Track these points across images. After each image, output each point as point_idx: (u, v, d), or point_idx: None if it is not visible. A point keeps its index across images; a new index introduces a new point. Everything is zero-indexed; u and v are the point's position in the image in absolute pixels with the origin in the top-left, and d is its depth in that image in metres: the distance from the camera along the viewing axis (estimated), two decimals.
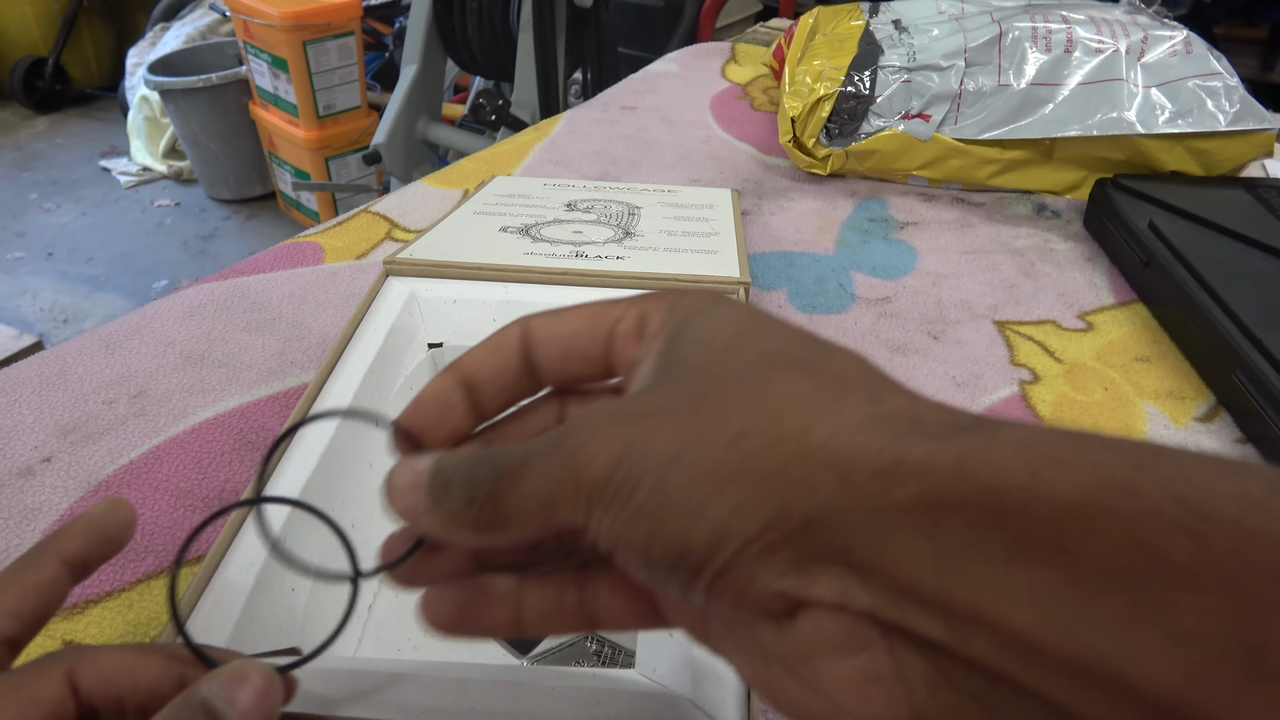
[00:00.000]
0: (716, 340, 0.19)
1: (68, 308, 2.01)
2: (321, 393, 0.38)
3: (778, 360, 0.18)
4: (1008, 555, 0.14)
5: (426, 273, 0.46)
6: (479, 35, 1.66)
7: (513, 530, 0.19)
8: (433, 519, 0.20)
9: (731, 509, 0.16)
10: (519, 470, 0.19)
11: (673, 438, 0.17)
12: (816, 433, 0.16)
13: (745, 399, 0.17)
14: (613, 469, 0.17)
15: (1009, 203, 0.71)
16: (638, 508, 0.17)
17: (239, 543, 0.31)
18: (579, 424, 0.18)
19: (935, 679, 0.15)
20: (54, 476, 0.42)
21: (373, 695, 0.26)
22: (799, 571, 0.16)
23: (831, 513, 0.15)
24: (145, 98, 2.43)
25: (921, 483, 0.15)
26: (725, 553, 0.16)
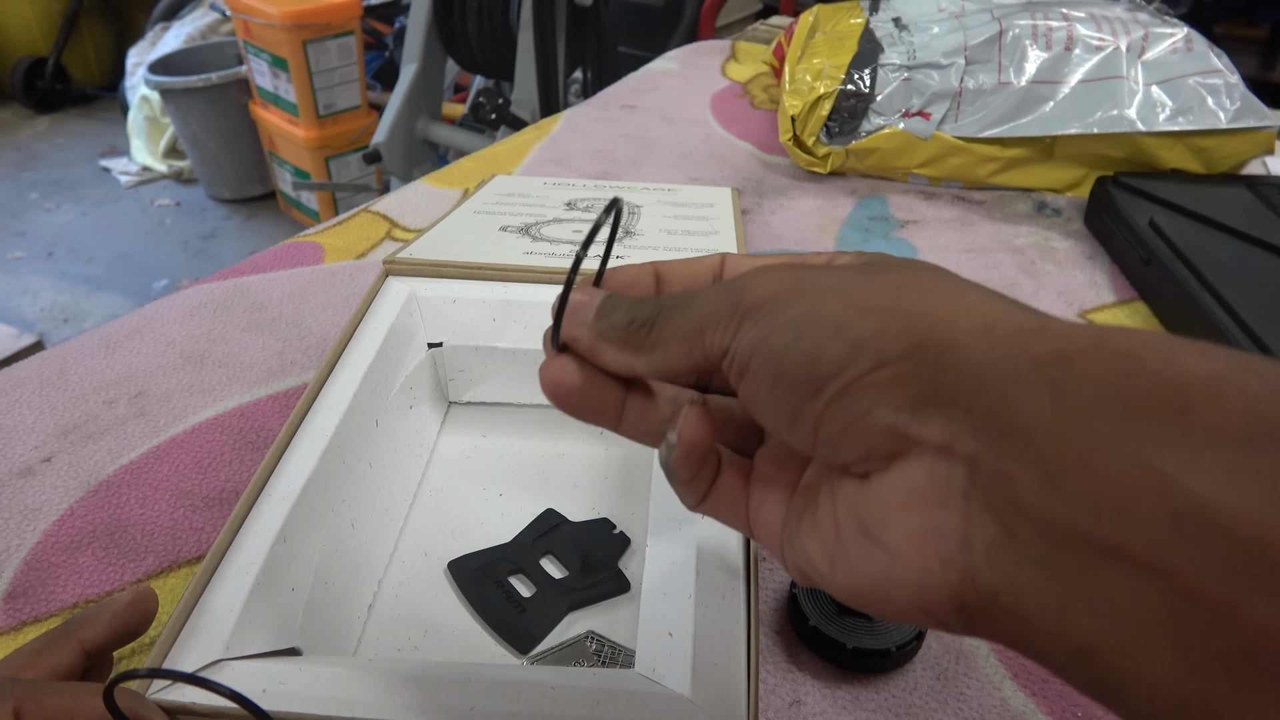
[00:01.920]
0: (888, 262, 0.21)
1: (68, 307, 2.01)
2: (321, 392, 0.38)
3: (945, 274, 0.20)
4: (1126, 410, 0.14)
5: (426, 272, 0.46)
6: (479, 34, 1.65)
7: (658, 351, 0.20)
8: (587, 330, 0.22)
9: (875, 330, 0.17)
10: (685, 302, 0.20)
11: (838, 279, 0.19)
12: (969, 295, 0.18)
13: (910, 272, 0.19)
14: (774, 294, 0.19)
15: (1009, 201, 0.71)
16: (787, 319, 0.18)
17: (239, 543, 0.31)
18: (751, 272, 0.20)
19: (1000, 544, 0.16)
20: (54, 476, 0.42)
21: (373, 695, 0.26)
22: (915, 409, 0.17)
23: (968, 351, 0.16)
24: (145, 97, 2.43)
25: (1061, 342, 0.16)
26: (855, 368, 0.17)
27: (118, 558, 0.38)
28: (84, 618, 0.28)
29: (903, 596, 0.17)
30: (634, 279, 0.24)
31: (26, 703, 0.23)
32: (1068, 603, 0.15)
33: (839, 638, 0.33)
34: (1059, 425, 0.15)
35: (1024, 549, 0.15)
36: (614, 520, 0.40)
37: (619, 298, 0.22)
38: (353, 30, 2.04)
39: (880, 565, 0.17)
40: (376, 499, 0.38)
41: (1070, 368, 0.15)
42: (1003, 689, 0.33)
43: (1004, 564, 0.15)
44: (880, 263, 0.21)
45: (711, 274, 0.24)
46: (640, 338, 0.21)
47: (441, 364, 0.45)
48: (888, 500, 0.17)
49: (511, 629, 0.35)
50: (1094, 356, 0.15)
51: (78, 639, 0.27)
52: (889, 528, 0.17)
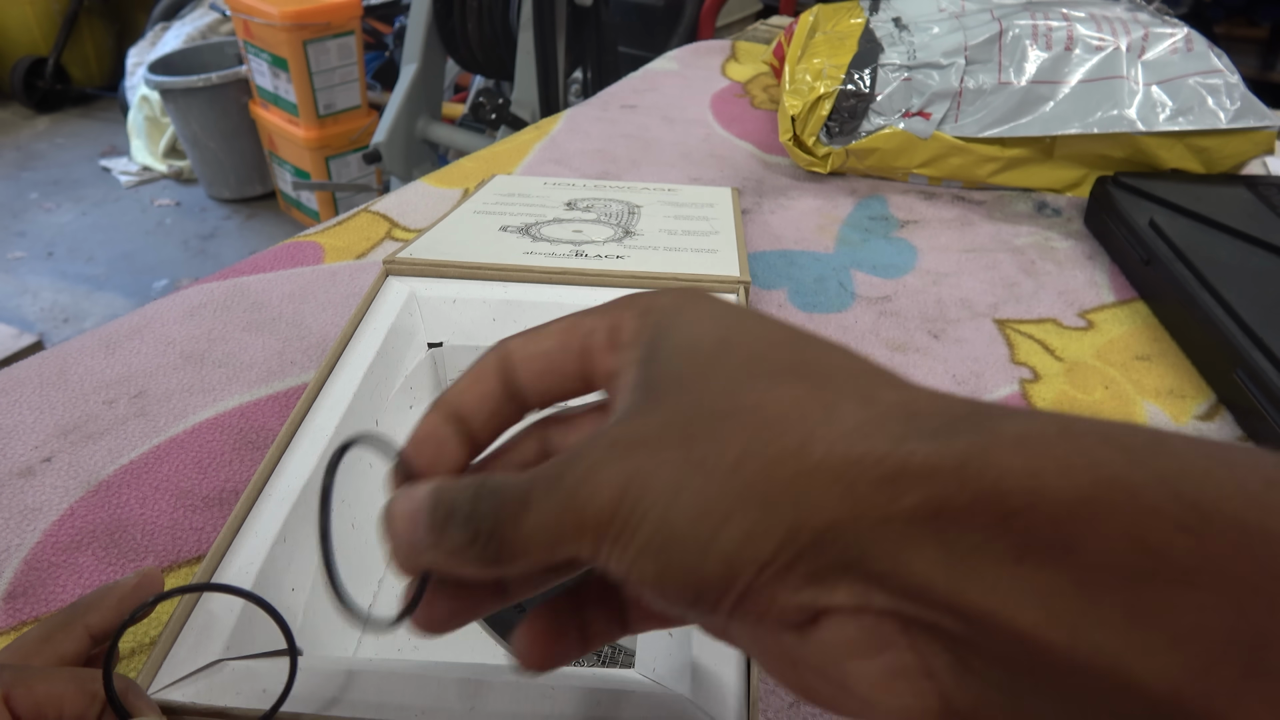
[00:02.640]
0: (698, 347, 0.19)
1: (68, 307, 2.01)
2: (321, 392, 0.38)
3: (764, 367, 0.18)
4: (1015, 556, 0.14)
5: (426, 272, 0.46)
6: (479, 34, 1.66)
7: (519, 563, 0.19)
8: (437, 554, 0.19)
9: (741, 537, 0.16)
10: (522, 505, 0.18)
11: (673, 468, 0.17)
12: (816, 447, 0.16)
13: (739, 418, 0.17)
14: (616, 504, 0.17)
15: (1009, 201, 0.71)
16: (645, 544, 0.17)
17: (239, 543, 0.31)
18: (578, 457, 0.18)
19: (959, 669, 0.15)
20: (54, 476, 0.42)
21: (373, 695, 0.26)
22: (816, 584, 0.16)
23: (841, 526, 0.16)
24: (145, 97, 2.43)
25: (926, 488, 0.15)
26: (741, 581, 0.16)
27: (118, 558, 0.38)
28: (89, 602, 0.27)
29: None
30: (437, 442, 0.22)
31: (16, 689, 0.23)
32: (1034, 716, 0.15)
33: None
34: (957, 581, 0.15)
35: (978, 674, 0.15)
36: None
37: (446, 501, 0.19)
38: (353, 30, 2.04)
39: (858, 707, 0.17)
40: (376, 499, 0.38)
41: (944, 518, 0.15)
42: None
43: (970, 685, 0.16)
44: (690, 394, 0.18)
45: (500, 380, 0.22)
46: (490, 554, 0.19)
47: (441, 364, 0.45)
48: (834, 653, 0.17)
49: (511, 629, 0.35)
50: (962, 504, 0.15)
51: (83, 624, 0.27)
52: (850, 676, 0.17)
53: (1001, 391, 0.49)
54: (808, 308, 0.57)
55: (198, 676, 0.26)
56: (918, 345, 0.53)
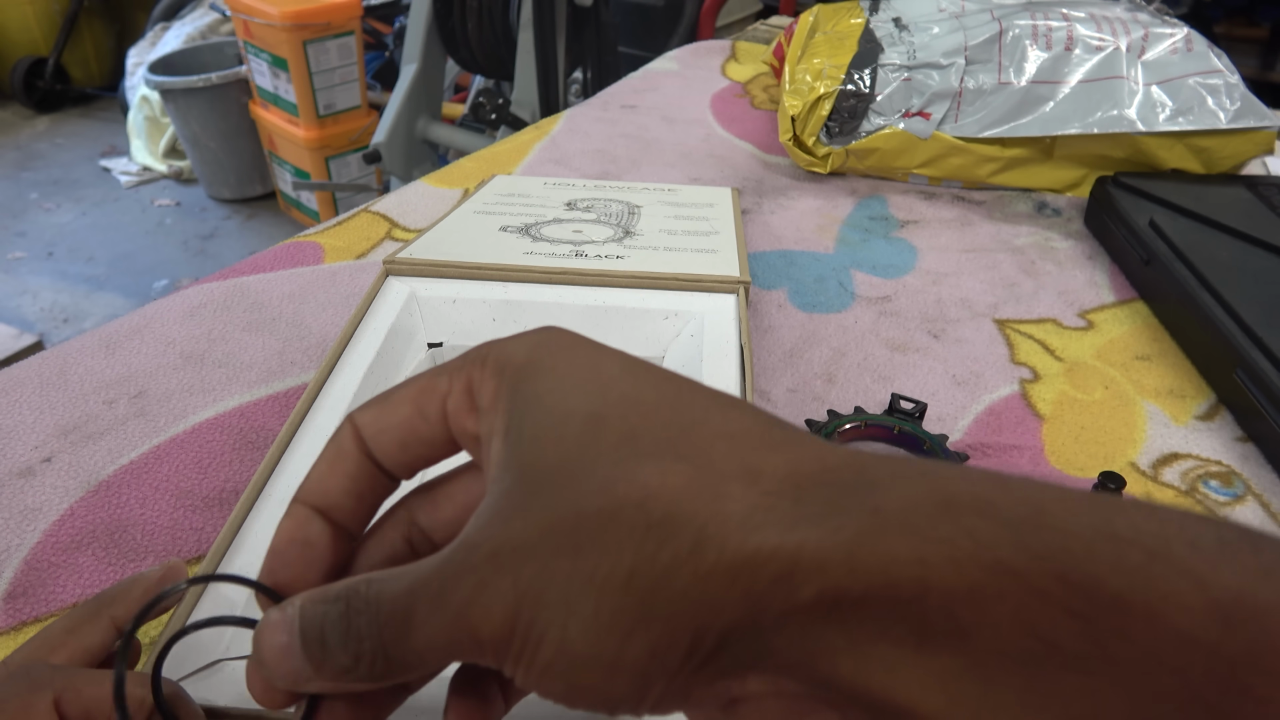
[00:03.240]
0: (567, 425, 0.18)
1: (68, 307, 2.01)
2: (321, 392, 0.38)
3: (641, 445, 0.17)
4: (915, 642, 0.15)
5: (426, 272, 0.46)
6: (479, 34, 1.66)
7: (412, 673, 0.18)
8: (321, 681, 0.18)
9: (647, 653, 0.16)
10: (405, 622, 0.17)
11: (564, 584, 0.16)
12: (708, 549, 0.16)
13: (623, 521, 0.16)
14: (511, 625, 0.17)
15: (1009, 201, 0.71)
16: (547, 666, 0.17)
17: (239, 543, 0.31)
18: (461, 568, 0.17)
19: None
20: (54, 476, 0.42)
21: None
22: (728, 677, 0.16)
23: (744, 626, 0.16)
24: (145, 97, 2.43)
25: (820, 581, 0.15)
26: (654, 692, 0.16)
27: (118, 558, 0.38)
28: (114, 594, 0.27)
29: None
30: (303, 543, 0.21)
31: (66, 692, 0.23)
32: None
33: None
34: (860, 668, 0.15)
35: None
36: None
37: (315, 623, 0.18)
38: (353, 30, 2.04)
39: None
40: None
41: (840, 611, 0.15)
42: None
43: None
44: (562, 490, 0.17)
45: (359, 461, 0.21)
46: (380, 671, 0.18)
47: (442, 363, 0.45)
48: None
49: None
50: (856, 595, 0.15)
51: (109, 615, 0.26)
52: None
53: (1001, 391, 0.49)
54: (808, 308, 0.57)
55: (198, 676, 0.26)
56: (918, 345, 0.53)
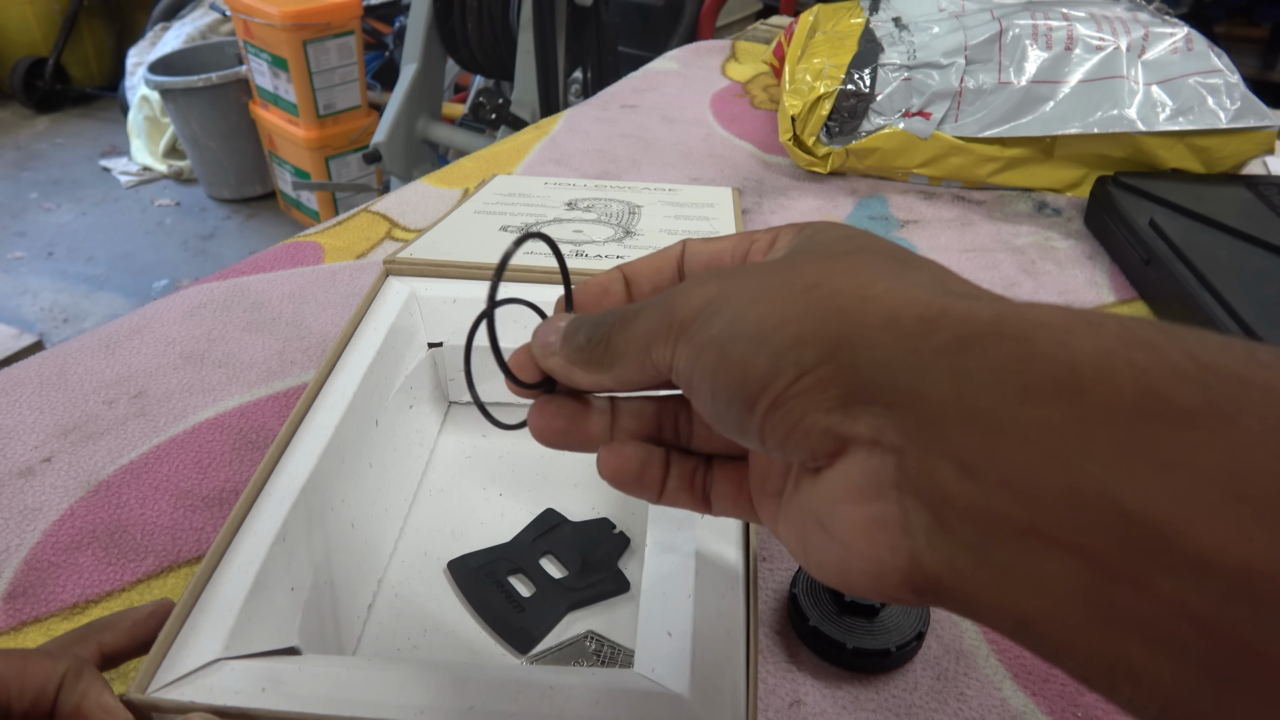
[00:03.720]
0: (822, 240, 0.22)
1: (68, 307, 2.01)
2: (321, 392, 0.38)
3: (867, 250, 0.21)
4: (1023, 394, 0.15)
5: (426, 272, 0.46)
6: (479, 34, 1.65)
7: (616, 366, 0.22)
8: (558, 357, 0.23)
9: (791, 340, 0.18)
10: (633, 315, 0.21)
11: (755, 285, 0.19)
12: (876, 285, 0.18)
13: (826, 264, 0.19)
14: (701, 308, 0.20)
15: (1009, 200, 0.71)
16: (712, 338, 0.19)
17: (239, 542, 0.31)
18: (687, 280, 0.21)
19: (934, 530, 0.16)
20: (54, 476, 0.42)
21: (373, 695, 0.26)
22: (844, 409, 0.17)
23: (877, 350, 0.17)
24: (145, 97, 2.43)
25: (960, 329, 0.16)
26: (781, 380, 0.18)
27: (118, 558, 0.38)
28: (106, 623, 0.28)
29: (862, 583, 0.18)
30: (604, 289, 0.25)
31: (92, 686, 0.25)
32: (1001, 581, 0.16)
33: (839, 638, 0.33)
34: (965, 415, 0.16)
35: (954, 534, 0.16)
36: (614, 520, 0.39)
37: (582, 319, 0.23)
38: (353, 30, 2.04)
39: (838, 556, 0.18)
40: (376, 499, 0.38)
41: (968, 354, 0.16)
42: (1003, 689, 0.33)
43: (941, 548, 0.16)
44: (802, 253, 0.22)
45: (675, 264, 0.26)
46: (599, 355, 0.22)
47: (441, 364, 0.45)
48: (834, 494, 0.18)
49: (511, 629, 0.35)
50: (992, 341, 0.16)
51: (97, 642, 0.27)
52: (838, 520, 0.18)
53: None
54: None
55: (197, 676, 0.26)
56: None
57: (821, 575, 0.19)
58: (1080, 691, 0.33)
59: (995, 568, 0.16)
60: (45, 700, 0.25)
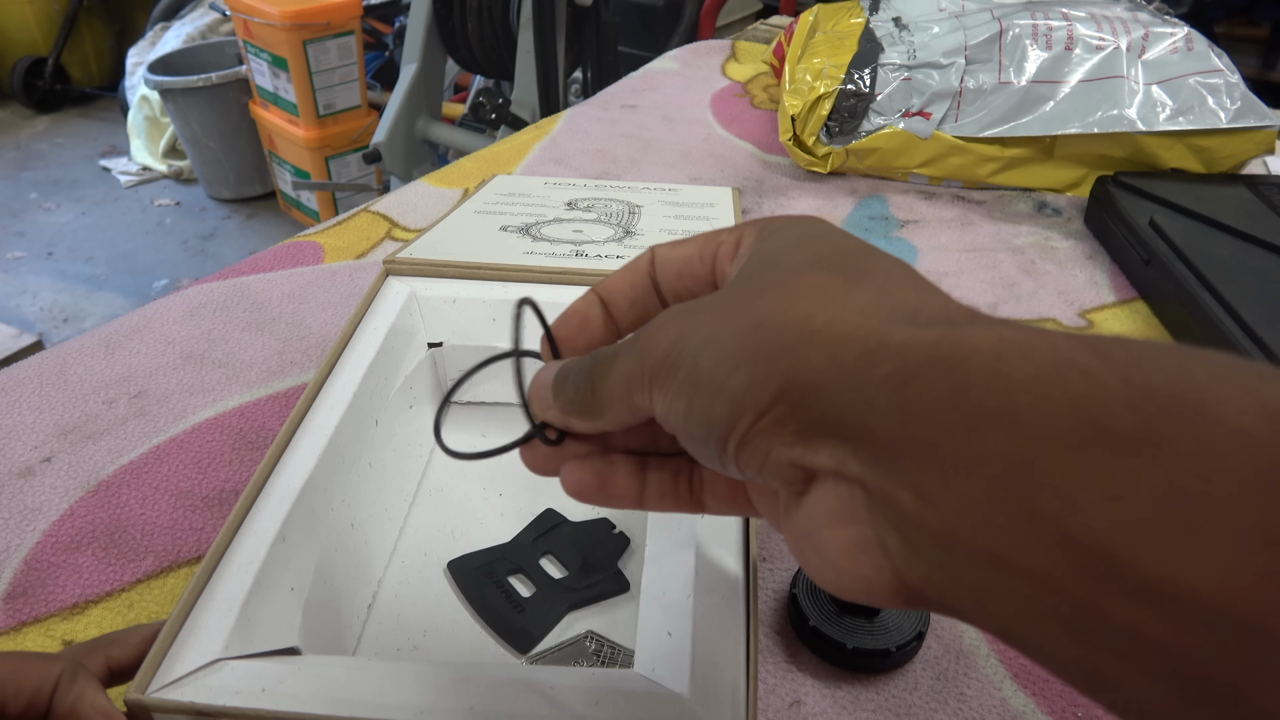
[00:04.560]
0: (777, 249, 0.22)
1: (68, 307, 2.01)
2: (321, 392, 0.38)
3: (818, 262, 0.21)
4: (966, 425, 0.15)
5: (426, 272, 0.46)
6: (479, 34, 1.65)
7: (606, 414, 0.22)
8: (553, 410, 0.24)
9: (745, 385, 0.18)
10: (609, 363, 0.22)
11: (710, 326, 0.20)
12: (819, 317, 0.18)
13: (774, 293, 0.20)
14: (666, 353, 0.20)
15: (1009, 200, 0.71)
16: (679, 386, 0.20)
17: (239, 542, 0.31)
18: (652, 321, 0.21)
19: (907, 551, 0.17)
20: (54, 476, 0.42)
21: (373, 695, 0.26)
22: (805, 443, 0.18)
23: (824, 388, 0.17)
24: (145, 97, 2.43)
25: (898, 362, 0.17)
26: (743, 423, 0.18)
27: (118, 558, 0.38)
28: (115, 638, 0.28)
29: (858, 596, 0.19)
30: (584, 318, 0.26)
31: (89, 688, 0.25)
32: (976, 597, 0.16)
33: (839, 638, 0.33)
34: (914, 448, 0.16)
35: (925, 556, 0.17)
36: (614, 520, 0.39)
37: (568, 368, 0.24)
38: (353, 30, 2.04)
39: (832, 573, 0.19)
40: (376, 499, 0.38)
41: (908, 389, 0.16)
42: (1003, 689, 0.33)
43: (916, 567, 0.17)
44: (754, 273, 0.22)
45: (646, 275, 0.26)
46: (588, 404, 0.23)
47: (441, 364, 0.45)
48: (815, 519, 0.19)
49: (511, 629, 0.35)
50: (929, 374, 0.16)
51: (105, 655, 0.28)
52: (824, 543, 0.19)
53: None
54: None
55: (197, 676, 0.26)
56: None
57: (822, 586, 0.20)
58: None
59: (966, 585, 0.16)
60: (40, 701, 0.25)
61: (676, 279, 0.25)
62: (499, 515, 0.40)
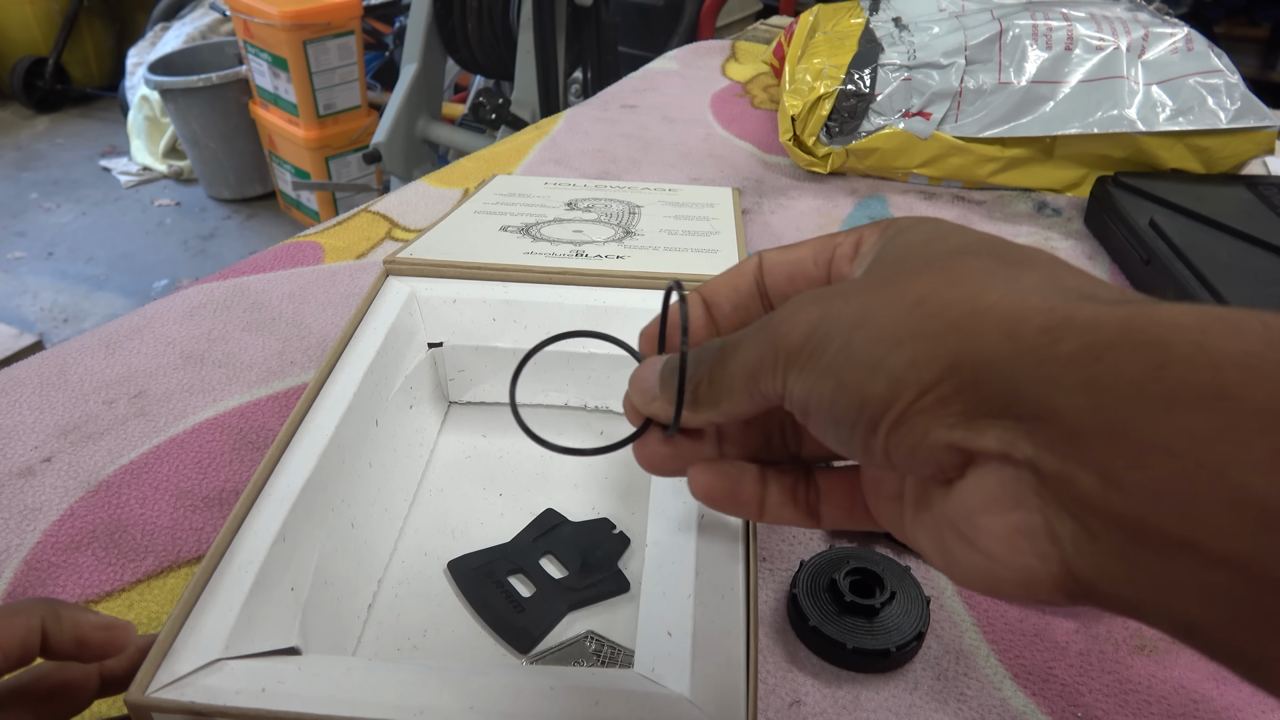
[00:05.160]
0: (915, 241, 0.22)
1: (68, 307, 2.01)
2: (321, 392, 0.38)
3: (968, 250, 0.20)
4: (1166, 402, 0.14)
5: (426, 272, 0.46)
6: (479, 34, 1.65)
7: (723, 402, 0.22)
8: (660, 402, 0.23)
9: (908, 361, 0.18)
10: (732, 350, 0.21)
11: (860, 306, 0.19)
12: (989, 295, 0.17)
13: (929, 274, 0.19)
14: (806, 336, 0.19)
15: (1010, 201, 0.71)
16: (825, 366, 0.19)
17: (239, 542, 0.31)
18: (782, 306, 0.21)
19: (1082, 537, 0.16)
20: (54, 476, 0.42)
21: (373, 695, 0.26)
22: (969, 424, 0.17)
23: (1000, 364, 0.16)
24: (145, 97, 2.43)
25: (1087, 337, 0.16)
26: (902, 401, 0.18)
27: (118, 558, 0.38)
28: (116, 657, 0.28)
29: (1012, 592, 0.18)
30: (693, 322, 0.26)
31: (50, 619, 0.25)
32: (1157, 587, 0.15)
33: (839, 638, 0.33)
34: (1104, 425, 0.15)
35: (1103, 542, 0.16)
36: (614, 520, 0.39)
37: (674, 360, 0.23)
38: (353, 30, 2.04)
39: (984, 566, 0.18)
40: (376, 499, 0.38)
41: (1100, 365, 0.15)
42: (1003, 689, 0.33)
43: (1091, 555, 0.16)
44: (897, 261, 0.21)
45: (753, 279, 0.25)
46: (703, 394, 0.22)
47: (441, 364, 0.45)
48: (970, 506, 0.18)
49: (511, 629, 0.35)
50: (1124, 349, 0.15)
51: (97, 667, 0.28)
52: (980, 532, 0.18)
53: None
54: None
55: (197, 676, 0.26)
56: None
57: (966, 583, 0.19)
58: (1080, 691, 0.33)
59: (1150, 575, 0.15)
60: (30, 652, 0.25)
61: (787, 282, 0.25)
62: (499, 515, 0.40)
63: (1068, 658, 0.35)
